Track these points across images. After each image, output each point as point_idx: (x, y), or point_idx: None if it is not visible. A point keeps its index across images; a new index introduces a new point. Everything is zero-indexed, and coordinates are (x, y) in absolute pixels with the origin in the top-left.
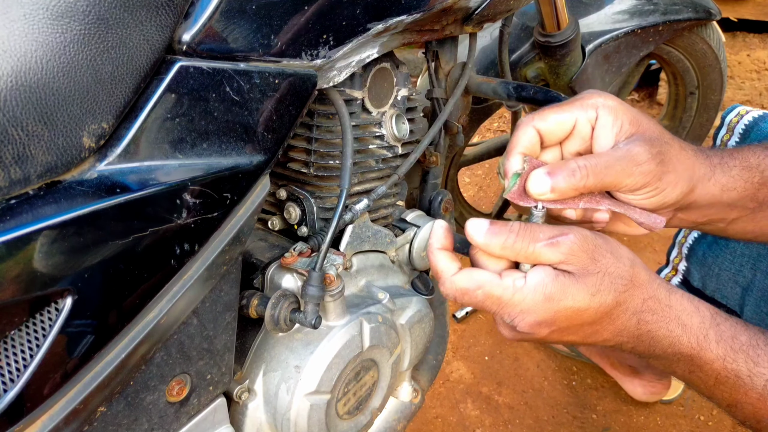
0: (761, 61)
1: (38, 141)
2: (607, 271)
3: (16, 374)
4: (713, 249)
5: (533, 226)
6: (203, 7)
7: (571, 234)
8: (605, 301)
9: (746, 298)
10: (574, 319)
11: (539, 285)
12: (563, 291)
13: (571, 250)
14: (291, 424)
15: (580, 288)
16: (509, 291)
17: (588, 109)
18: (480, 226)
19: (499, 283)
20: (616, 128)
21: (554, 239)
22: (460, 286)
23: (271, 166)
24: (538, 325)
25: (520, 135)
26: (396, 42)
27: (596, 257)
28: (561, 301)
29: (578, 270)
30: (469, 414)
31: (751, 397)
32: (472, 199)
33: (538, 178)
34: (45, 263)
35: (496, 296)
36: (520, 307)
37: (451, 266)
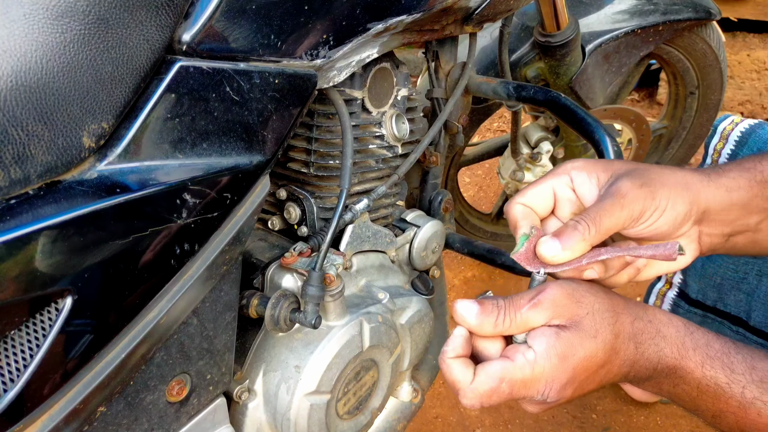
0: (761, 61)
1: (38, 141)
2: (593, 310)
3: (16, 374)
4: (713, 259)
5: (514, 297)
6: (203, 7)
7: (548, 288)
8: (607, 337)
9: (753, 304)
10: (591, 368)
11: (549, 349)
12: (571, 345)
13: (554, 303)
14: (291, 424)
15: (582, 335)
16: (528, 369)
17: (560, 175)
18: (470, 310)
19: (515, 366)
20: (593, 181)
21: (535, 300)
22: (484, 390)
23: (271, 166)
24: (564, 388)
25: (513, 215)
26: (396, 42)
27: (579, 300)
28: (574, 355)
29: (570, 320)
30: (469, 414)
31: (732, 406)
32: (472, 199)
33: (547, 243)
34: (45, 263)
35: (519, 380)
36: (545, 379)
37: (467, 374)
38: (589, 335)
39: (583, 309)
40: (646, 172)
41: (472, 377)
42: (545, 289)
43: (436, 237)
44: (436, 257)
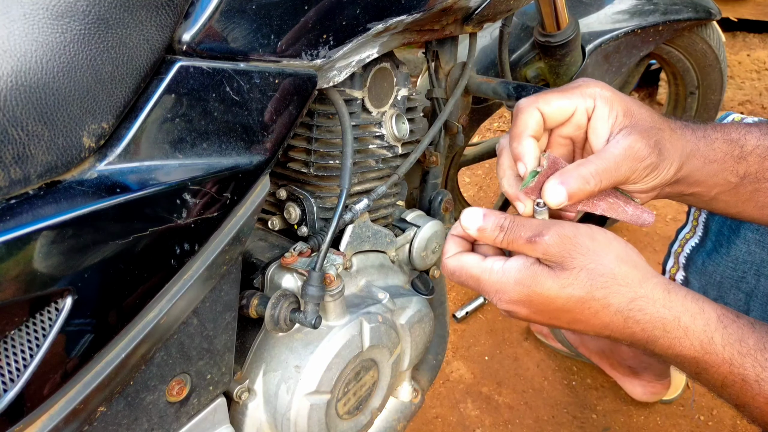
0: (761, 61)
1: (38, 141)
2: (584, 267)
3: (16, 374)
4: (713, 257)
5: (520, 223)
6: (203, 7)
7: (547, 235)
8: (576, 293)
9: (751, 304)
10: (547, 305)
11: (510, 270)
12: (533, 278)
13: (545, 249)
14: (291, 424)
15: (552, 279)
16: (486, 273)
17: (587, 99)
18: (474, 219)
19: (479, 265)
20: (611, 119)
21: (532, 239)
22: (450, 267)
23: (271, 166)
24: (513, 303)
25: (526, 118)
26: (396, 42)
27: (573, 255)
28: (530, 286)
29: (555, 265)
30: (469, 414)
31: (759, 402)
32: (472, 199)
33: (553, 189)
34: (45, 263)
35: (475, 276)
36: (495, 287)
37: (451, 249)
38: (558, 283)
39: (572, 264)
40: (661, 135)
41: (453, 253)
42: (546, 234)
43: (436, 237)
44: (436, 257)
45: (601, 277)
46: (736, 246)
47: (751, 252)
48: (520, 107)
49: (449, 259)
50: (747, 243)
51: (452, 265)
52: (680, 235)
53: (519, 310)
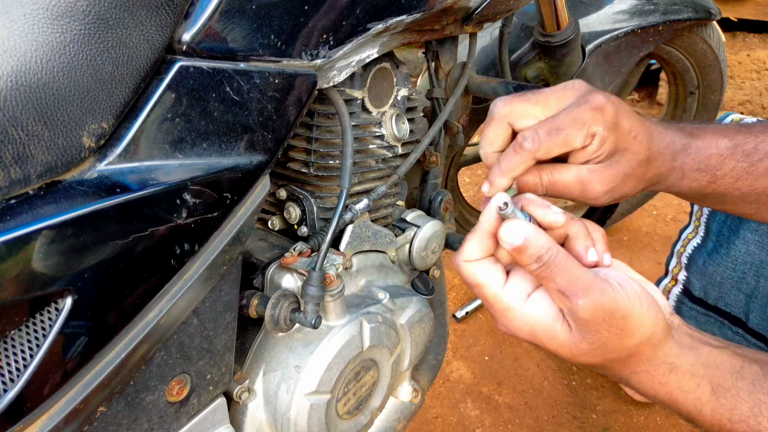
0: (761, 61)
1: (38, 141)
2: (603, 344)
3: (16, 374)
4: (714, 258)
5: (561, 263)
6: (203, 7)
7: (582, 299)
8: (587, 361)
9: (751, 305)
10: (553, 348)
11: (531, 318)
12: (550, 335)
13: (573, 312)
14: (291, 424)
15: (567, 344)
16: (502, 305)
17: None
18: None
19: (496, 294)
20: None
21: (566, 294)
22: (464, 273)
23: (271, 166)
24: (516, 336)
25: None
26: (396, 42)
27: (600, 330)
28: (544, 341)
29: (576, 330)
30: (469, 414)
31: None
32: (472, 199)
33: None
34: (45, 263)
35: (489, 302)
36: (507, 322)
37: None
38: (573, 351)
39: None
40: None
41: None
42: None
43: (436, 237)
44: (436, 257)
45: (614, 355)
46: (735, 246)
47: (751, 253)
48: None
49: (470, 265)
50: (746, 244)
51: (466, 273)
52: (683, 235)
53: (519, 336)
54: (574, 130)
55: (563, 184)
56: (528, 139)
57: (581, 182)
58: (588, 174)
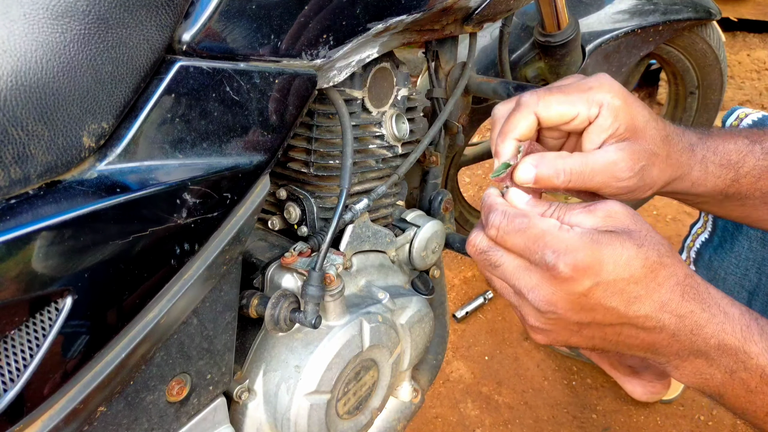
0: (761, 61)
1: (38, 141)
2: (649, 232)
3: (16, 374)
4: (719, 253)
5: (570, 204)
6: (203, 6)
7: (609, 201)
8: (650, 255)
9: (753, 303)
10: (622, 271)
11: (588, 232)
12: (610, 241)
13: (610, 210)
14: (291, 424)
15: (626, 239)
16: (554, 227)
17: (592, 107)
18: (522, 198)
19: (545, 221)
20: (611, 130)
21: (590, 206)
22: (509, 212)
23: (271, 166)
24: (582, 270)
25: (519, 120)
26: (396, 42)
27: (636, 219)
28: (608, 246)
29: (620, 229)
30: (469, 414)
31: None
32: (472, 199)
33: (526, 168)
34: (45, 263)
35: (540, 229)
36: (566, 243)
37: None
38: (634, 242)
39: (637, 225)
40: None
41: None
42: (603, 200)
43: (436, 237)
44: (436, 257)
45: (663, 246)
46: (739, 242)
47: (753, 249)
48: (519, 104)
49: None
50: (749, 240)
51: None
52: (693, 229)
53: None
54: (576, 92)
55: (591, 168)
56: (526, 94)
57: (611, 162)
58: (616, 152)
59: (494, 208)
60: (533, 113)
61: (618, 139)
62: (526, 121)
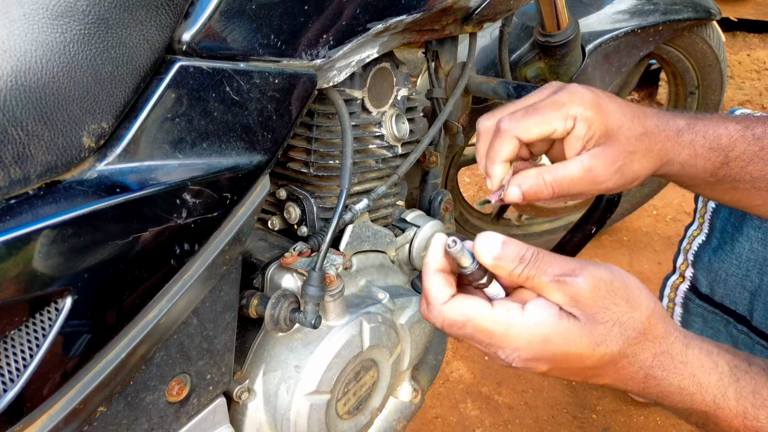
0: (761, 61)
1: (38, 141)
2: (617, 321)
3: (16, 374)
4: (718, 254)
5: (546, 257)
6: (203, 7)
7: (581, 277)
8: (610, 351)
9: (755, 303)
10: (573, 363)
11: (538, 325)
12: (564, 337)
13: (577, 294)
14: (291, 424)
15: (583, 336)
16: (501, 327)
17: (567, 120)
18: (491, 245)
19: (491, 317)
20: (586, 138)
21: (561, 278)
22: (449, 318)
23: (271, 166)
24: (535, 361)
25: (502, 145)
26: (396, 42)
27: (607, 305)
28: (560, 346)
29: (584, 317)
30: (469, 414)
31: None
32: (472, 199)
33: (513, 192)
34: (45, 263)
35: (486, 330)
36: (515, 344)
37: (444, 293)
38: (591, 341)
39: (605, 316)
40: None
41: (447, 298)
42: (579, 275)
43: None
44: None
45: (633, 332)
46: (739, 243)
47: (754, 250)
48: (500, 130)
49: (445, 307)
50: (750, 241)
51: (452, 314)
52: (688, 232)
53: (537, 366)
54: (551, 110)
55: (569, 179)
56: (505, 120)
57: (586, 169)
58: (590, 159)
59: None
60: (514, 137)
61: (594, 144)
62: (509, 145)
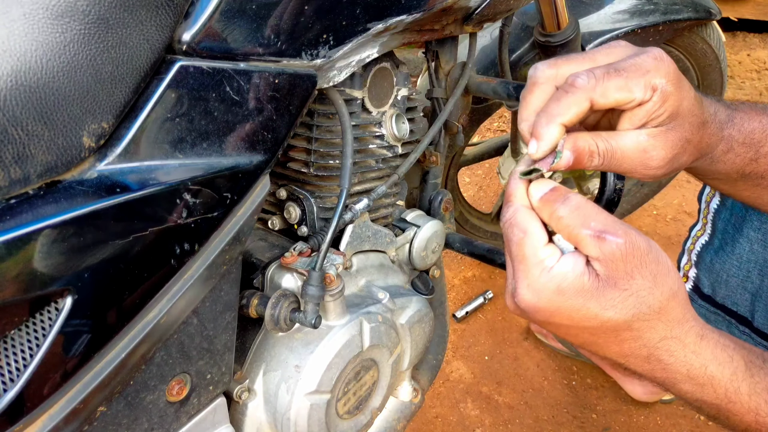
0: (761, 61)
1: (38, 141)
2: (636, 292)
3: (16, 374)
4: (720, 255)
5: (591, 209)
6: (203, 6)
7: (622, 239)
8: (615, 318)
9: (756, 305)
10: (575, 322)
11: (557, 276)
12: (576, 292)
13: (612, 254)
14: (291, 424)
15: (596, 297)
16: (534, 260)
17: (647, 92)
18: (540, 189)
19: (535, 248)
20: (654, 115)
21: (602, 234)
22: (516, 219)
23: (271, 166)
24: (534, 308)
25: (571, 104)
26: (396, 42)
27: (634, 274)
28: (569, 299)
29: (606, 277)
30: (469, 414)
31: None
32: (472, 199)
33: (566, 156)
34: (45, 263)
35: (523, 254)
36: (531, 280)
37: (525, 200)
38: (601, 304)
39: (626, 284)
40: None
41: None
42: (620, 237)
43: (436, 237)
44: (436, 257)
45: (647, 309)
46: (740, 244)
47: (755, 251)
48: (574, 86)
49: (521, 209)
50: (750, 242)
51: (523, 218)
52: (692, 232)
53: (534, 315)
54: (635, 75)
55: (621, 153)
56: (582, 76)
57: (642, 149)
58: (649, 140)
59: (508, 202)
60: (588, 99)
61: (658, 123)
62: (578, 107)
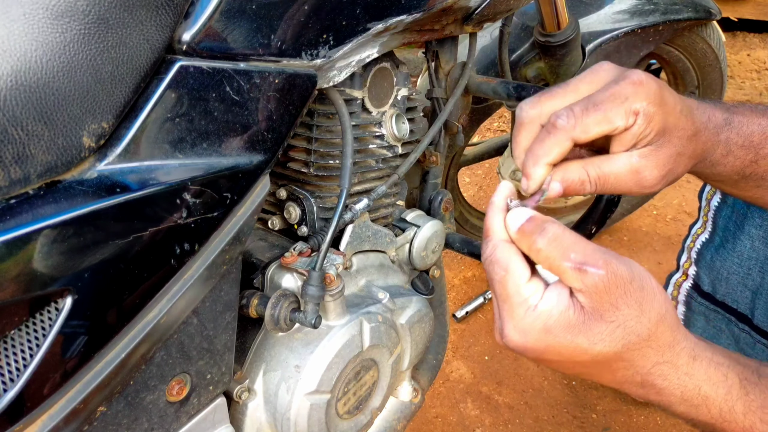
0: (761, 61)
1: (38, 141)
2: (623, 323)
3: (16, 374)
4: (720, 253)
5: (569, 239)
6: (203, 6)
7: (603, 270)
8: (605, 351)
9: (756, 302)
10: (565, 357)
11: (543, 315)
12: (563, 328)
13: (594, 287)
14: (291, 424)
15: (584, 332)
16: (518, 299)
17: (629, 117)
18: (518, 219)
19: (518, 286)
20: (642, 136)
21: (583, 267)
22: (497, 256)
23: (271, 166)
24: (524, 348)
25: (553, 145)
26: (396, 42)
27: (619, 305)
28: (557, 337)
29: (592, 309)
30: (469, 413)
31: None
32: (472, 199)
33: (554, 187)
34: (45, 263)
35: (507, 293)
36: (516, 321)
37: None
38: (591, 338)
39: (612, 316)
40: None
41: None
42: (601, 268)
43: (436, 237)
44: (436, 257)
45: (636, 338)
46: (740, 242)
47: (755, 248)
48: (555, 127)
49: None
50: (751, 239)
51: (503, 256)
52: (692, 230)
53: (525, 353)
54: (613, 106)
55: (614, 177)
56: (562, 116)
57: (634, 171)
58: (640, 160)
59: (486, 237)
60: (570, 139)
61: (647, 142)
62: (560, 147)
